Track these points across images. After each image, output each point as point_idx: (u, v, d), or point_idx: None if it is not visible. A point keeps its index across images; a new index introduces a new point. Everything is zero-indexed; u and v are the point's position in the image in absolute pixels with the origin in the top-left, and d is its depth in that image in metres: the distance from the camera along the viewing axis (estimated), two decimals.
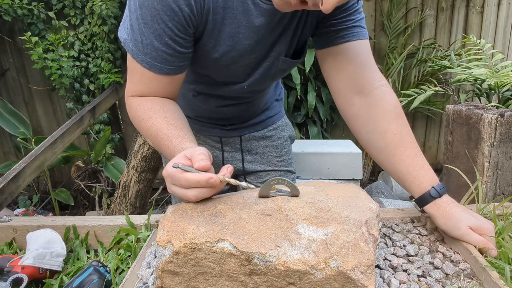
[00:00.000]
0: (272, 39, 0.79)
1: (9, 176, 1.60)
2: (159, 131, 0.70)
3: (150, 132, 0.72)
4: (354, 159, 2.02)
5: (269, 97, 1.09)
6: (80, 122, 2.14)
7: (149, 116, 0.72)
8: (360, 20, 0.80)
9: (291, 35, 0.80)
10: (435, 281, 0.60)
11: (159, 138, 0.70)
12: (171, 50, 0.69)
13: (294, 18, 0.77)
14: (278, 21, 0.74)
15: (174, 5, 0.64)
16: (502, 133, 1.01)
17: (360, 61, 0.79)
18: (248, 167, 1.10)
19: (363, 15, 0.81)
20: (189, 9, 0.65)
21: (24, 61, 2.77)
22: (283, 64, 0.85)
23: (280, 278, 0.49)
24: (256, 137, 1.09)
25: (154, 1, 0.63)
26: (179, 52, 0.70)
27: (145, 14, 0.65)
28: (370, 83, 0.79)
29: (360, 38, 0.79)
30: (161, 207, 2.78)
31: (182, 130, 0.70)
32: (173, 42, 0.68)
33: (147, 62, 0.70)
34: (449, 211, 0.69)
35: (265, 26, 0.74)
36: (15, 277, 0.67)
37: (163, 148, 0.70)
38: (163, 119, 0.71)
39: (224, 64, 0.79)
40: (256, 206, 0.57)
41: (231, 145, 1.08)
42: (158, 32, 0.66)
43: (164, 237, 0.53)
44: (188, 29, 0.68)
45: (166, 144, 0.68)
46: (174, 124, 0.70)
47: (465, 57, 2.49)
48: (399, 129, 0.76)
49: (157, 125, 0.70)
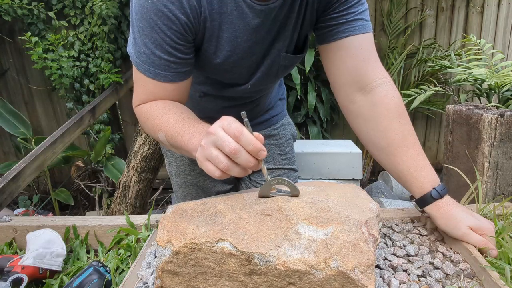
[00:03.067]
0: (271, 37, 0.78)
1: (9, 176, 1.60)
2: (178, 121, 0.69)
3: (167, 125, 0.70)
4: (354, 159, 2.02)
5: (272, 96, 1.10)
6: (80, 122, 2.14)
7: (164, 112, 0.72)
8: (363, 12, 0.76)
9: (290, 31, 0.79)
10: (435, 281, 0.60)
11: (179, 125, 0.68)
12: (172, 57, 0.70)
13: (291, 14, 0.76)
14: (273, 18, 0.74)
15: (171, 15, 0.65)
16: (502, 133, 1.01)
17: (362, 56, 0.77)
18: None
19: (366, 6, 0.77)
20: (185, 17, 0.67)
21: (24, 61, 2.77)
22: (285, 61, 0.84)
23: (280, 278, 0.49)
24: None
25: (151, 13, 0.65)
26: (181, 58, 0.71)
27: (145, 26, 0.67)
28: (372, 80, 0.77)
29: (362, 32, 0.76)
30: (161, 207, 2.78)
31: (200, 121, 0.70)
32: (174, 50, 0.69)
33: (151, 72, 0.71)
34: (449, 212, 0.69)
35: (262, 26, 0.74)
36: (15, 277, 0.67)
37: (184, 134, 0.66)
38: (180, 113, 0.71)
39: (227, 68, 0.80)
40: (256, 206, 0.57)
41: None
42: (158, 41, 0.68)
43: (164, 237, 0.53)
44: (186, 36, 0.70)
45: (188, 129, 0.66)
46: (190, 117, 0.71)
47: (465, 57, 2.49)
48: (401, 129, 0.75)
49: (175, 117, 0.70)
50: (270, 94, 1.07)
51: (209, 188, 1.10)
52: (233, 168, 0.54)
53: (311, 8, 0.77)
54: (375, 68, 0.78)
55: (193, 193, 1.11)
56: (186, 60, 0.73)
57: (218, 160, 0.53)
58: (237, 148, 0.52)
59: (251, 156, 0.53)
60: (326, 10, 0.76)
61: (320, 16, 0.78)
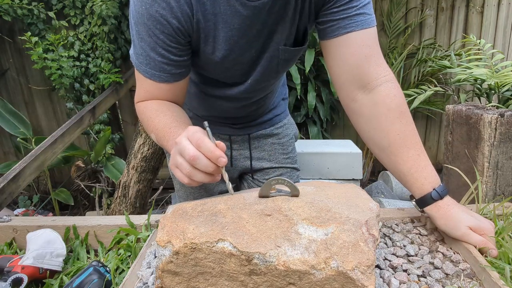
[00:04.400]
0: (268, 31, 0.78)
1: (9, 176, 1.60)
2: (166, 125, 0.74)
3: (157, 128, 0.75)
4: (354, 159, 2.02)
5: (276, 96, 1.11)
6: (80, 122, 2.14)
7: (156, 115, 0.77)
8: (365, 6, 0.73)
9: (288, 23, 0.78)
10: (435, 281, 0.60)
11: (166, 130, 0.73)
12: (166, 59, 0.74)
13: (288, 6, 0.75)
14: (268, 12, 0.73)
15: (162, 19, 0.69)
16: (502, 133, 1.01)
17: (364, 54, 0.75)
18: (255, 164, 1.12)
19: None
20: (176, 21, 0.70)
21: (24, 61, 2.77)
22: (284, 54, 0.83)
23: (280, 278, 0.49)
24: (263, 134, 1.11)
25: (145, 18, 0.69)
26: (174, 60, 0.75)
27: (140, 30, 0.72)
28: (374, 79, 0.76)
29: (364, 27, 0.73)
30: (161, 207, 2.78)
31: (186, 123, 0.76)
32: (167, 52, 0.73)
33: (148, 72, 0.76)
34: (448, 212, 0.69)
35: (257, 21, 0.74)
36: (15, 277, 0.67)
37: (169, 139, 0.71)
38: (170, 117, 0.76)
39: (227, 66, 0.81)
40: (256, 206, 0.57)
41: (239, 143, 1.10)
42: (152, 44, 0.72)
43: (164, 237, 0.53)
44: (178, 39, 0.73)
45: (172, 136, 0.70)
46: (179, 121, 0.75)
47: (465, 57, 2.49)
48: (402, 129, 0.74)
49: (165, 120, 0.75)
50: (274, 94, 1.07)
51: (212, 188, 1.10)
52: (195, 173, 0.58)
53: (309, 0, 0.76)
54: (377, 66, 0.76)
55: (196, 193, 1.11)
56: (179, 62, 0.76)
57: (182, 166, 0.59)
58: (195, 155, 0.57)
59: (210, 162, 0.57)
60: (326, 4, 0.75)
61: (320, 10, 0.77)
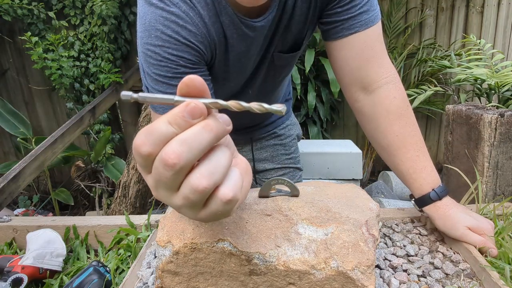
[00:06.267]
0: (267, 42, 0.78)
1: (9, 176, 1.60)
2: None
3: None
4: (354, 159, 2.02)
5: (279, 99, 1.10)
6: (80, 122, 2.14)
7: None
8: (369, 1, 0.72)
9: (283, 30, 0.77)
10: (435, 281, 0.60)
11: None
12: None
13: (284, 14, 0.74)
14: (269, 28, 0.74)
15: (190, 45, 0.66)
16: (502, 133, 1.01)
17: (366, 56, 0.74)
18: (258, 166, 1.12)
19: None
20: (203, 46, 0.67)
21: (24, 61, 2.77)
22: (278, 60, 0.83)
23: (280, 278, 0.49)
24: (266, 136, 1.11)
25: None
26: None
27: None
28: (375, 81, 0.76)
29: (368, 26, 0.72)
30: (161, 207, 2.78)
31: None
32: None
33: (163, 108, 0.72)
34: (447, 213, 0.69)
35: (261, 38, 0.74)
36: (15, 277, 0.67)
37: None
38: None
39: (229, 82, 0.82)
40: (256, 206, 0.57)
41: (241, 145, 1.11)
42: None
43: (164, 237, 0.53)
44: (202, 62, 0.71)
45: None
46: None
47: (465, 57, 2.48)
48: (401, 131, 0.75)
49: None
50: (278, 100, 1.07)
51: None
52: None
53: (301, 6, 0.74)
54: (379, 67, 0.76)
55: None
56: None
57: None
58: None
59: None
60: (330, 3, 0.73)
61: (324, 10, 0.75)
